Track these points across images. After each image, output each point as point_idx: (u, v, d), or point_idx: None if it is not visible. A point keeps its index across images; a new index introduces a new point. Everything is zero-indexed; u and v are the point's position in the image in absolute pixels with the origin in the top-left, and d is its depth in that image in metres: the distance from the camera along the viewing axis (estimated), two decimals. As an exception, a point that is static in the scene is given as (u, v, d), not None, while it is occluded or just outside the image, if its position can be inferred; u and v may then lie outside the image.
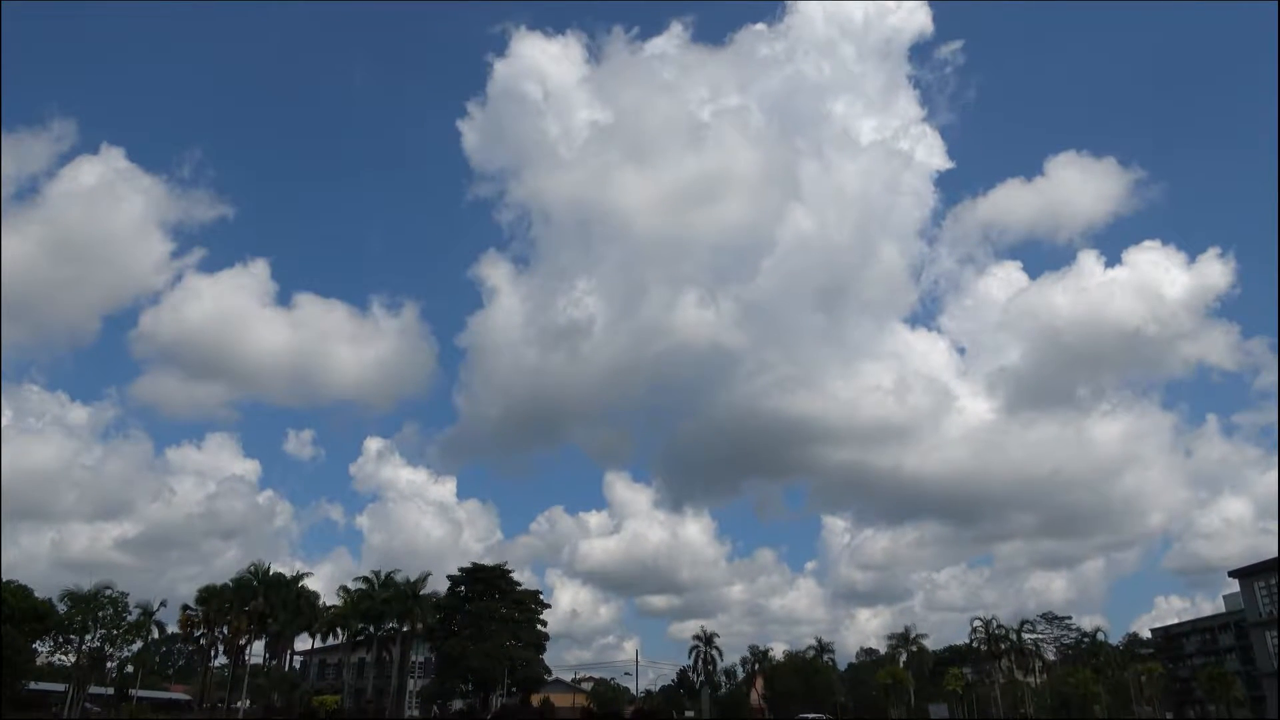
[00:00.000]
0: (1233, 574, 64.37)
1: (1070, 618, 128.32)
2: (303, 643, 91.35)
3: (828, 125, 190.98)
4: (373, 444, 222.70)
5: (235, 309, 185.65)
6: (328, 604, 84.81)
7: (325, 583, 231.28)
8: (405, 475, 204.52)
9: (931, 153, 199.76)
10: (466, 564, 77.93)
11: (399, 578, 79.70)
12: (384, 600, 77.50)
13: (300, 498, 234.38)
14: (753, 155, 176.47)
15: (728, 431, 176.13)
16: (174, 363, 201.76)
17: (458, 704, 74.45)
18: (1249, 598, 61.24)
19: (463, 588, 76.52)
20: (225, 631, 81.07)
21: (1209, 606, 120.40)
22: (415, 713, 75.61)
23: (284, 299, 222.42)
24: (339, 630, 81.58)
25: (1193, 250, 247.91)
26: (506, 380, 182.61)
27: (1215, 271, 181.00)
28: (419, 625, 77.35)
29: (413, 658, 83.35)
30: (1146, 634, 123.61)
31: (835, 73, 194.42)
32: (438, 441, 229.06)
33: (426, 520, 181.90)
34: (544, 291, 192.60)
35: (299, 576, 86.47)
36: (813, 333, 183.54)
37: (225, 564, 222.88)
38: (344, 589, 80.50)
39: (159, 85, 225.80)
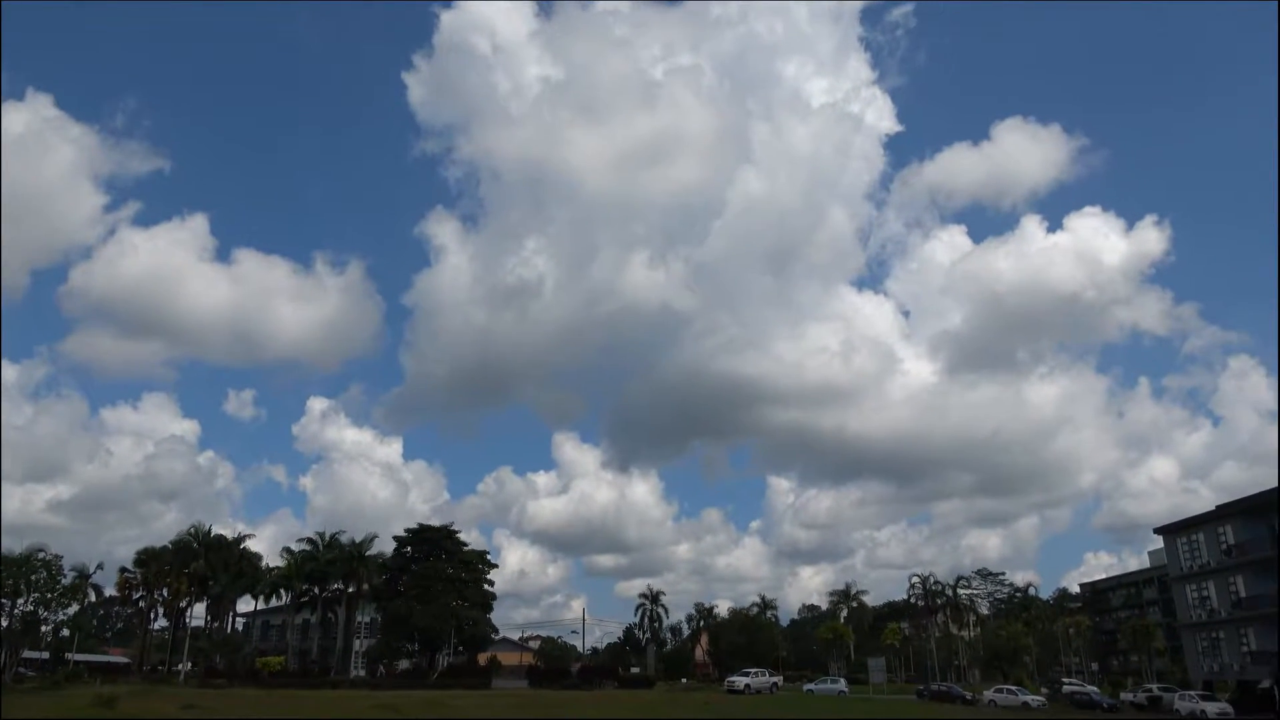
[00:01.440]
0: (1157, 531, 66.82)
1: (1004, 573, 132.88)
2: (245, 605, 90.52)
3: (779, 86, 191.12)
4: (316, 404, 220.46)
5: (172, 265, 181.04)
6: (271, 565, 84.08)
7: (268, 544, 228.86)
8: (350, 436, 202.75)
9: (881, 116, 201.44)
10: (413, 525, 77.51)
11: (344, 539, 79.20)
12: (328, 561, 76.92)
13: (242, 459, 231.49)
14: (705, 116, 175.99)
15: (676, 392, 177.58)
16: (108, 320, 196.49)
17: (404, 664, 74.48)
18: (1172, 554, 63.74)
19: (409, 549, 76.16)
20: (165, 594, 79.95)
21: (1135, 562, 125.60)
22: (361, 673, 75.49)
23: (223, 255, 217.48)
24: (283, 592, 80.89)
25: (1131, 218, 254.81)
26: (454, 340, 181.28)
27: (1151, 239, 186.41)
28: (364, 586, 77.02)
29: (358, 618, 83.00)
30: (1075, 589, 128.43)
31: (787, 33, 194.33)
32: (384, 402, 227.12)
33: (372, 481, 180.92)
34: (493, 250, 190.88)
35: (241, 538, 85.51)
36: (761, 295, 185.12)
37: (165, 526, 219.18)
38: (287, 550, 79.82)
39: (90, 28, 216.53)
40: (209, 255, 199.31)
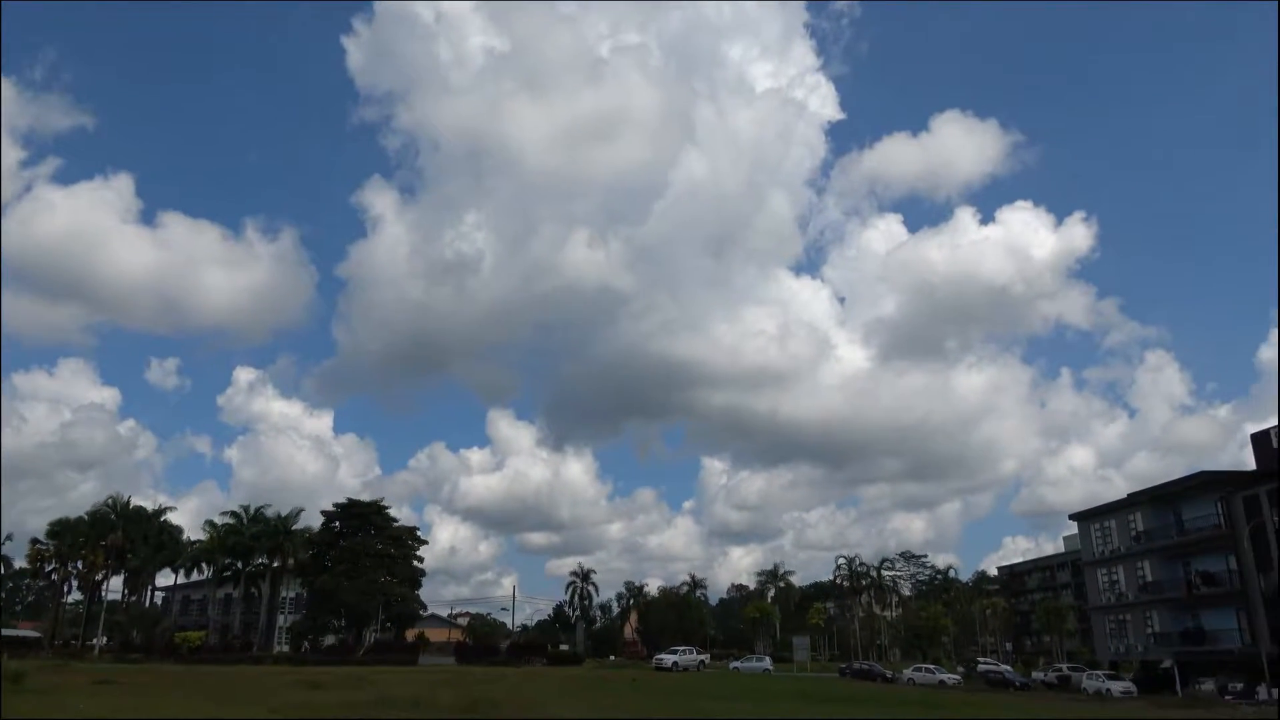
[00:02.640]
0: (1072, 517, 69.33)
1: (926, 556, 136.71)
2: (165, 579, 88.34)
3: (725, 69, 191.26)
4: (243, 374, 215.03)
5: (93, 225, 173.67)
6: (193, 539, 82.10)
7: (191, 517, 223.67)
8: (279, 408, 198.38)
9: (824, 103, 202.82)
10: (342, 499, 76.39)
11: (270, 513, 77.67)
12: (253, 535, 75.38)
13: (164, 429, 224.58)
14: (650, 95, 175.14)
15: (612, 372, 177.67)
16: (21, 281, 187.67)
17: (330, 640, 73.58)
18: (1085, 539, 66.22)
19: (337, 523, 75.08)
20: (80, 567, 77.50)
21: (1050, 546, 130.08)
22: (285, 648, 74.32)
23: (148, 217, 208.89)
24: (204, 566, 79.11)
25: (1060, 213, 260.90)
26: (389, 313, 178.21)
27: (1079, 235, 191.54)
28: (290, 561, 75.70)
29: (283, 593, 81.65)
30: (994, 571, 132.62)
31: (734, 16, 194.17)
32: (315, 374, 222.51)
33: (301, 455, 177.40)
34: (431, 223, 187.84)
35: (161, 510, 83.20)
36: (700, 277, 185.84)
37: (81, 496, 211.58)
38: (210, 523, 77.96)
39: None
40: (133, 217, 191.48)
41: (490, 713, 22.72)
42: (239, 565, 77.43)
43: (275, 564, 76.37)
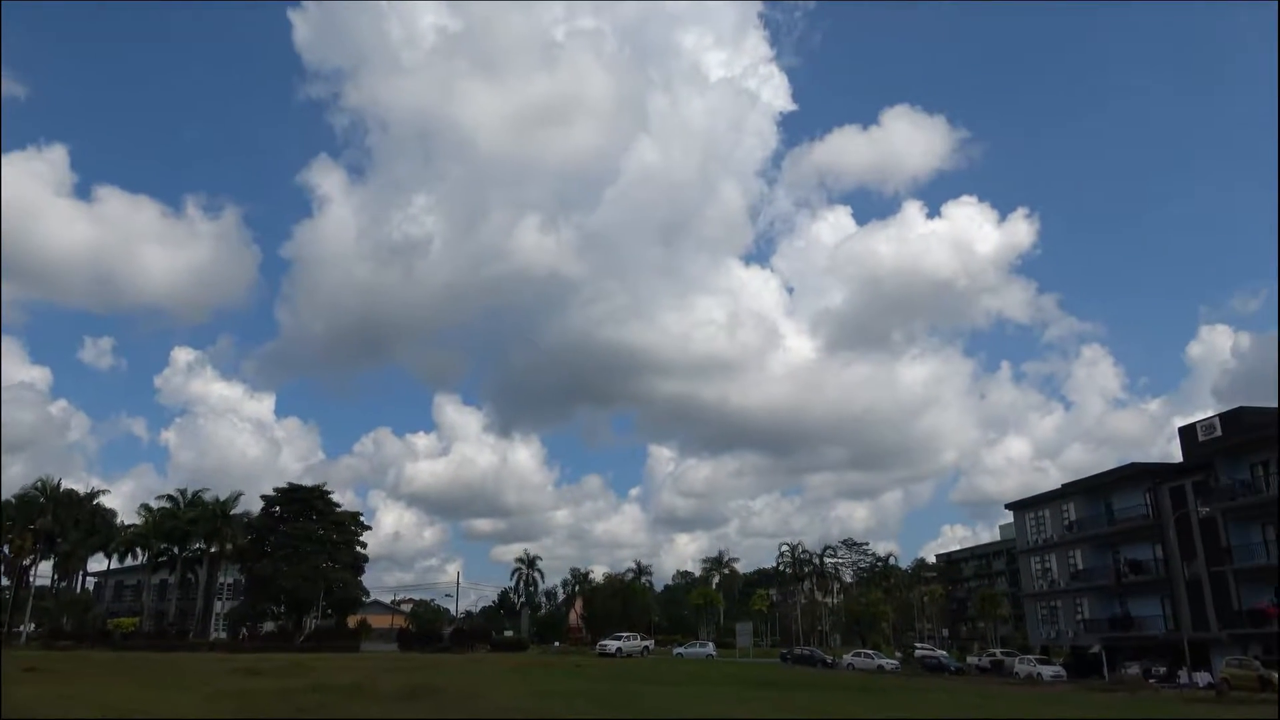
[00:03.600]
0: (1008, 506, 71.04)
1: (868, 544, 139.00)
2: (98, 564, 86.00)
3: (678, 58, 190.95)
4: (182, 355, 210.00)
5: (25, 198, 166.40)
6: (127, 523, 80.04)
7: (125, 501, 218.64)
8: (218, 390, 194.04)
9: (777, 94, 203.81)
10: (284, 484, 75.08)
11: (208, 497, 76.05)
12: (190, 520, 73.73)
13: (98, 410, 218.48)
14: (604, 81, 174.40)
15: (561, 358, 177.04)
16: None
17: (269, 626, 72.41)
18: (1020, 528, 67.97)
19: (278, 508, 73.74)
20: (6, 551, 75.16)
21: (987, 535, 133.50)
22: (222, 635, 72.97)
23: (84, 191, 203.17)
24: (139, 551, 77.22)
25: (1004, 210, 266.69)
26: (334, 295, 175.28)
27: (1021, 230, 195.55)
28: (228, 546, 74.24)
29: (220, 579, 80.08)
30: (932, 559, 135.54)
31: (689, 4, 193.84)
32: (256, 356, 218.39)
33: (242, 438, 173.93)
34: (379, 204, 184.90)
35: (94, 493, 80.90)
36: (651, 265, 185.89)
37: (9, 479, 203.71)
38: (146, 508, 76.08)
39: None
40: (67, 190, 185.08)
41: (431, 699, 22.59)
42: (175, 550, 75.71)
43: (213, 549, 74.85)
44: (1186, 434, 54.57)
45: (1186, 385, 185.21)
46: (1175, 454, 56.31)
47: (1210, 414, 53.80)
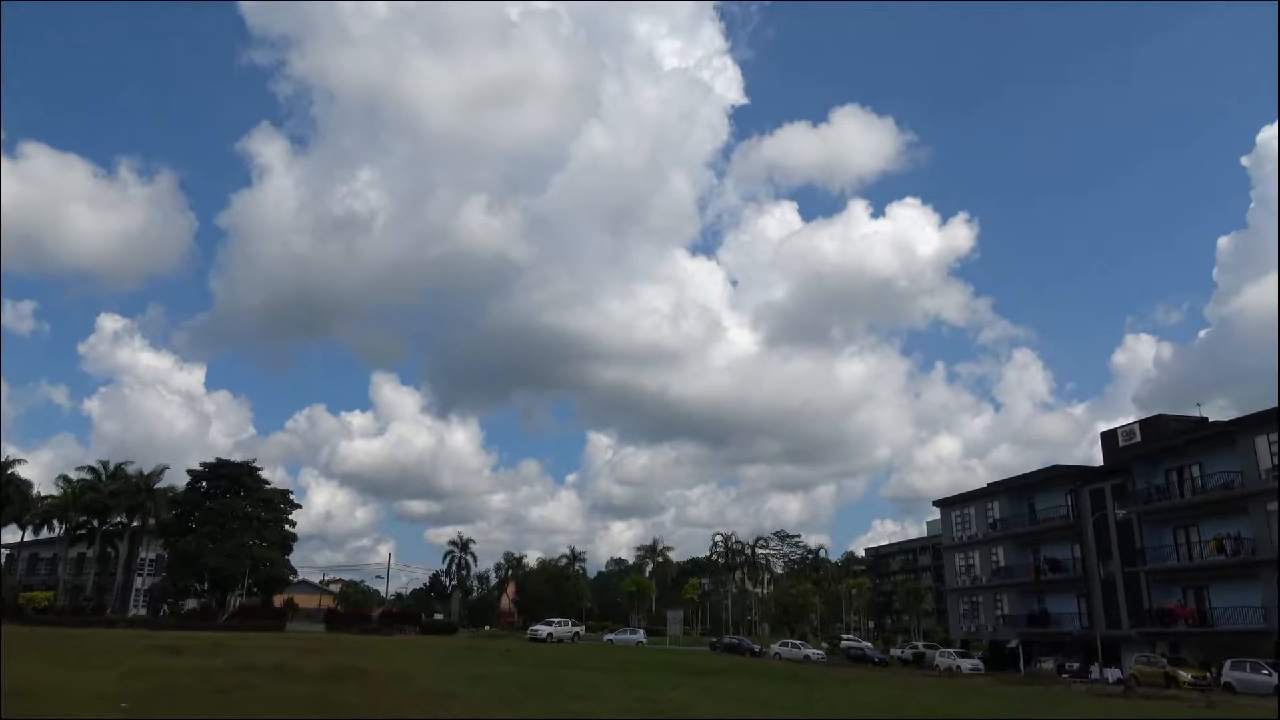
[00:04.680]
0: (936, 503, 72.72)
1: (799, 536, 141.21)
2: (12, 535, 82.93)
3: (632, 45, 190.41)
4: (108, 322, 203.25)
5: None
6: (44, 494, 77.29)
7: (44, 471, 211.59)
8: (146, 360, 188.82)
9: (730, 86, 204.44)
10: (212, 459, 73.38)
11: (131, 469, 73.89)
12: (111, 493, 71.52)
13: (17, 376, 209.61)
14: (558, 64, 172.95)
15: (502, 342, 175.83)
16: None
17: (191, 603, 70.80)
18: (946, 524, 69.66)
19: (204, 484, 72.14)
20: (-87, 520, 72.08)
21: (915, 531, 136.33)
22: (142, 611, 71.13)
23: (9, 147, 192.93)
24: (56, 523, 74.69)
25: (945, 213, 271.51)
26: (272, 267, 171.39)
27: (961, 235, 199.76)
28: (151, 521, 72.28)
29: (142, 555, 77.90)
30: (862, 553, 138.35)
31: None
32: (187, 326, 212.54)
33: (170, 410, 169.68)
34: (322, 177, 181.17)
35: (10, 462, 77.73)
36: (597, 252, 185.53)
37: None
38: (65, 479, 73.57)
39: None
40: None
41: (357, 680, 22.35)
42: (95, 524, 73.43)
43: (135, 523, 72.76)
44: (1108, 439, 56.43)
45: (1110, 391, 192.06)
46: (1097, 457, 58.25)
47: (1131, 420, 55.81)
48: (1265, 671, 36.37)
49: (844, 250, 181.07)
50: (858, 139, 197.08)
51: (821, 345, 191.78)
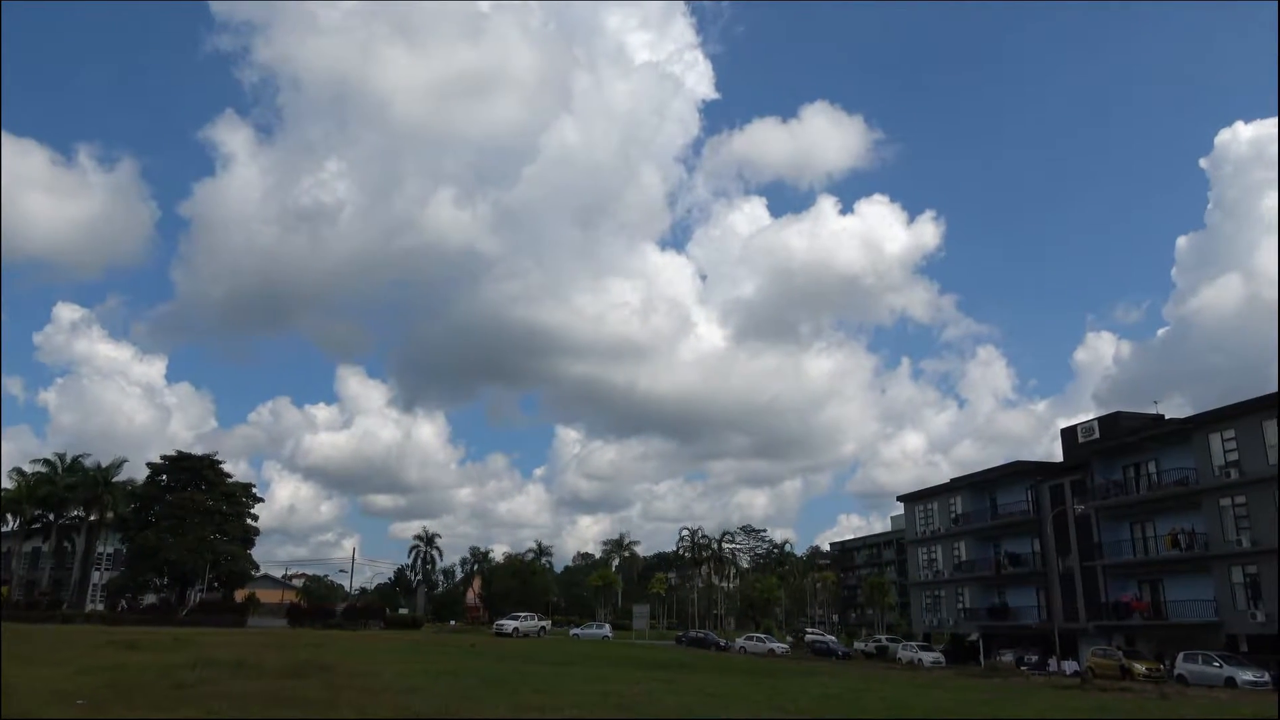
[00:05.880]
0: (900, 498, 73.52)
1: (766, 530, 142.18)
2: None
3: (604, 38, 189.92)
4: (66, 311, 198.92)
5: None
6: (-2, 487, 75.78)
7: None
8: (105, 350, 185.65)
9: (700, 81, 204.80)
10: (172, 452, 72.24)
11: (89, 462, 72.67)
12: (68, 486, 70.34)
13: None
14: (529, 57, 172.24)
15: (470, 335, 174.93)
16: None
17: (150, 598, 69.75)
18: (910, 519, 70.45)
19: (164, 477, 71.03)
20: None
21: (880, 525, 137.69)
22: (100, 607, 69.92)
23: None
24: (10, 516, 73.28)
25: (913, 211, 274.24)
26: (236, 258, 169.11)
27: (928, 232, 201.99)
28: (109, 514, 71.13)
29: (100, 549, 76.65)
30: (827, 547, 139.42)
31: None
32: (148, 317, 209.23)
33: (130, 402, 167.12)
34: (288, 167, 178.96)
35: (-38, 456, 76.51)
36: (567, 246, 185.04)
37: None
38: (19, 471, 72.19)
39: None
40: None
41: (319, 676, 22.16)
42: (50, 517, 72.14)
43: (93, 517, 71.60)
44: (1068, 435, 57.35)
45: (1071, 388, 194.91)
46: (1057, 453, 59.20)
47: (1090, 417, 56.74)
48: (1216, 664, 37.25)
49: (812, 247, 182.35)
50: (827, 136, 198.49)
51: (789, 341, 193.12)
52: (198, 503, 68.53)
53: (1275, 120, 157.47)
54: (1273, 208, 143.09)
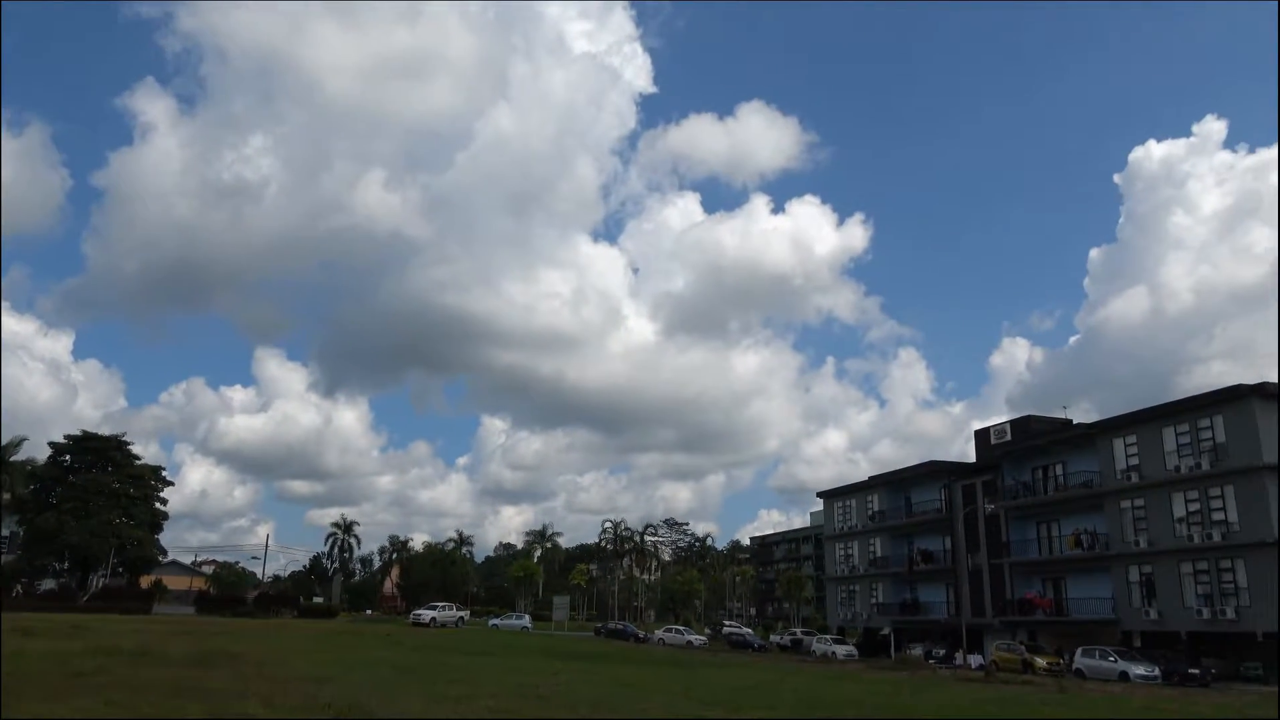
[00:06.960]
0: (820, 494, 74.82)
1: (688, 524, 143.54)
2: None
3: (542, 26, 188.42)
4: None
5: None
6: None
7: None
8: (8, 324, 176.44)
9: (638, 74, 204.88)
10: (77, 432, 69.38)
11: (-15, 441, 69.21)
12: (-39, 465, 66.91)
13: None
14: (466, 42, 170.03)
15: (396, 320, 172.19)
16: None
17: (49, 584, 66.94)
18: (829, 515, 71.82)
19: (68, 457, 68.20)
20: None
21: (799, 520, 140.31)
22: (-7, 592, 66.85)
23: None
24: (-103, 497, 69.38)
25: (843, 213, 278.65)
26: (151, 232, 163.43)
27: (856, 235, 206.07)
28: (6, 496, 67.91)
29: (-5, 531, 73.18)
30: (747, 541, 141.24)
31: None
32: (55, 291, 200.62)
33: (32, 379, 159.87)
34: (210, 140, 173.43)
35: None
36: (498, 234, 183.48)
37: None
38: (-93, 449, 68.36)
39: None
40: None
41: (226, 666, 21.55)
42: (-59, 498, 68.53)
43: (-12, 498, 68.22)
44: (981, 437, 59.16)
45: (986, 391, 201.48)
46: (970, 454, 61.03)
47: (1003, 420, 58.63)
48: (1111, 659, 38.92)
49: (744, 244, 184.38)
50: (762, 135, 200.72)
51: (718, 337, 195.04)
52: (103, 485, 66.03)
53: (1186, 141, 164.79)
54: (1179, 224, 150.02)
